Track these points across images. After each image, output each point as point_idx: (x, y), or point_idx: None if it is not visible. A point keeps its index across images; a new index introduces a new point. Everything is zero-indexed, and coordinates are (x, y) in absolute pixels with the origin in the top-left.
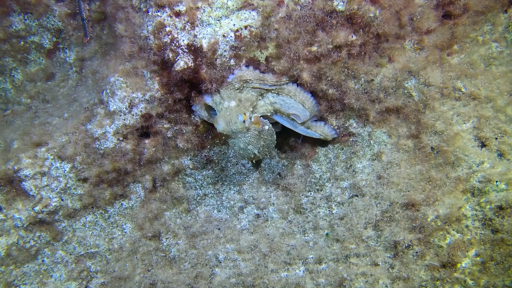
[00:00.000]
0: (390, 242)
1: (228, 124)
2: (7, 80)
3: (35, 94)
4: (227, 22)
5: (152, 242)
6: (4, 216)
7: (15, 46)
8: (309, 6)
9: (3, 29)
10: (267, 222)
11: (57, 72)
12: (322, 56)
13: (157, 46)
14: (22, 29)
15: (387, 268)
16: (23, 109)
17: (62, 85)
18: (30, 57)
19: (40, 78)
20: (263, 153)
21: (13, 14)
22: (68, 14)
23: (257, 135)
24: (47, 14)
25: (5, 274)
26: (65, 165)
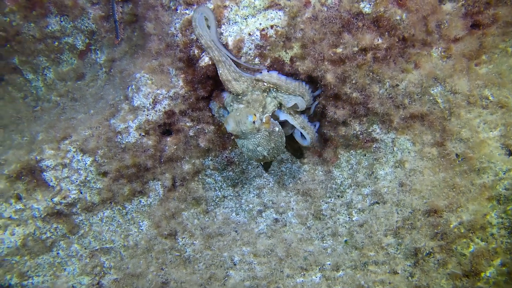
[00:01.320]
0: (411, 249)
1: (238, 125)
2: (39, 78)
3: (65, 93)
4: (254, 21)
5: (167, 241)
6: (23, 206)
7: (50, 46)
8: (335, 7)
9: (40, 30)
10: (285, 227)
11: (87, 73)
12: (347, 59)
13: (184, 43)
14: (57, 30)
15: (407, 277)
16: (51, 106)
17: (91, 85)
18: (63, 57)
19: (70, 77)
20: (272, 155)
21: (50, 16)
22: (101, 16)
23: (267, 136)
24: (82, 17)
25: (20, 264)
26: (86, 158)
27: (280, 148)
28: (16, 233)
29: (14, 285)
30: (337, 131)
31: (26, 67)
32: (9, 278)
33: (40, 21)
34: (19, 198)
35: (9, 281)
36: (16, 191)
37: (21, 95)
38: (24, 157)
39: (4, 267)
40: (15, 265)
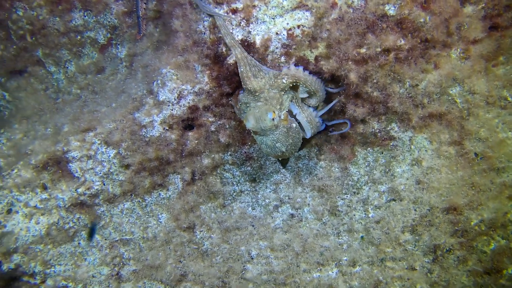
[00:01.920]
0: (430, 246)
1: (258, 121)
2: (61, 71)
3: (85, 86)
4: (281, 21)
5: (186, 234)
6: (48, 196)
7: (72, 40)
8: (361, 9)
9: (64, 24)
10: (301, 222)
11: (107, 66)
12: (369, 59)
13: (212, 41)
14: (80, 25)
15: (425, 273)
16: (72, 98)
17: (111, 78)
18: (84, 51)
19: (91, 71)
20: (290, 151)
21: (75, 10)
22: (124, 12)
23: (286, 132)
24: (105, 12)
25: (43, 252)
26: (110, 151)
27: (297, 144)
28: (40, 222)
29: (37, 272)
30: (355, 129)
31: (49, 59)
32: (33, 265)
33: (65, 15)
34: (44, 188)
35: (33, 268)
36: (42, 181)
37: (42, 87)
38: (51, 148)
39: (29, 254)
40: (39, 253)
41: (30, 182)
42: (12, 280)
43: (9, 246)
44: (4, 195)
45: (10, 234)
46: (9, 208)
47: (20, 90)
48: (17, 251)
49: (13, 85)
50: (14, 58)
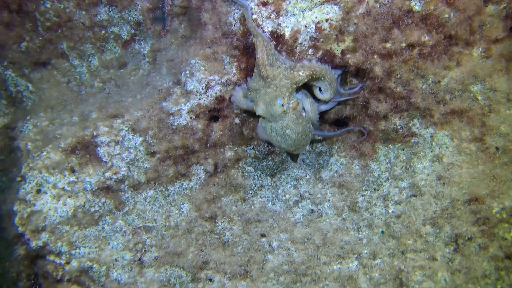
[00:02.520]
0: (451, 236)
1: (267, 106)
2: (84, 64)
3: (107, 80)
4: (310, 14)
5: (207, 224)
6: (76, 178)
7: (97, 34)
8: (388, 4)
9: (90, 18)
10: (321, 217)
11: (129, 62)
12: (394, 54)
13: (242, 32)
14: (105, 20)
15: (446, 262)
16: (96, 90)
17: (133, 74)
18: (107, 46)
19: (113, 65)
20: (300, 140)
21: (100, 5)
22: (149, 9)
23: (295, 119)
24: (130, 8)
25: (69, 234)
26: (137, 138)
27: (307, 134)
28: (67, 204)
29: (63, 252)
30: (376, 126)
31: (73, 53)
32: (60, 245)
33: (91, 9)
34: (72, 171)
35: (60, 248)
36: (70, 164)
37: (65, 79)
38: (80, 132)
39: (56, 234)
40: (65, 234)
41: (59, 164)
42: (38, 258)
43: (38, 224)
44: (34, 176)
45: (39, 213)
46: (38, 188)
47: (43, 81)
48: (45, 230)
49: (36, 77)
50: (39, 49)
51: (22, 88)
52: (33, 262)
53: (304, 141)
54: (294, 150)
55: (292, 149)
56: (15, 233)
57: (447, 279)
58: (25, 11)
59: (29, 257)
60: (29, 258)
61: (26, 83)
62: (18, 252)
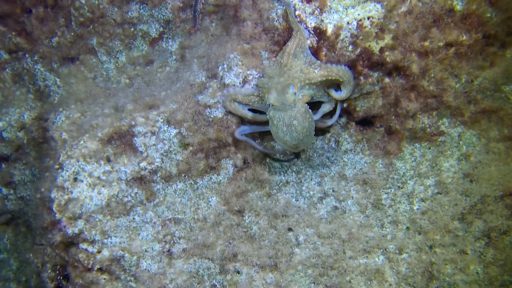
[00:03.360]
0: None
1: (279, 94)
2: (112, 61)
3: (134, 76)
4: (353, 11)
5: (235, 217)
6: (111, 168)
7: (126, 31)
8: (430, 3)
9: (121, 14)
10: (345, 214)
11: (156, 59)
12: (431, 52)
13: (283, 28)
14: (135, 17)
15: (478, 256)
16: (123, 86)
17: (159, 71)
18: (135, 43)
19: (140, 62)
20: (304, 135)
21: (132, 3)
22: (180, 7)
23: (304, 112)
24: (160, 6)
25: (102, 222)
26: (171, 130)
27: (311, 133)
28: (102, 193)
29: (97, 241)
30: (404, 125)
31: (102, 49)
32: (94, 233)
33: (123, 6)
34: (108, 160)
35: (94, 236)
36: (106, 154)
37: (92, 75)
38: (116, 122)
39: (90, 222)
40: (98, 223)
41: (95, 153)
42: (71, 246)
43: (75, 211)
44: (72, 164)
45: (76, 200)
46: (75, 176)
47: (70, 76)
48: (81, 218)
49: (64, 71)
50: (70, 45)
51: (50, 83)
52: (67, 250)
53: (307, 139)
54: (296, 145)
55: (294, 143)
56: (52, 219)
57: (480, 272)
58: (60, 6)
59: (63, 243)
60: (64, 244)
61: (54, 77)
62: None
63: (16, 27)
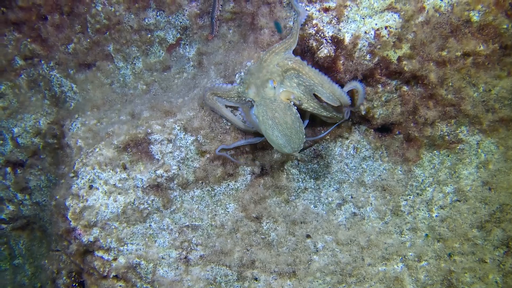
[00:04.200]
0: (502, 240)
1: (259, 88)
2: (129, 67)
3: (151, 82)
4: (370, 21)
5: (253, 224)
6: (127, 175)
7: (143, 38)
8: (447, 14)
9: (138, 21)
10: (363, 220)
11: (173, 65)
12: (449, 62)
13: (301, 36)
14: (152, 24)
15: (497, 265)
16: (140, 92)
17: (177, 77)
18: (152, 49)
19: (157, 69)
20: (290, 130)
21: (149, 10)
22: (197, 14)
23: (284, 108)
24: (177, 13)
25: (118, 230)
26: (188, 137)
27: (296, 129)
28: (118, 201)
29: (112, 248)
30: (422, 132)
31: (119, 55)
32: (109, 241)
33: (140, 13)
34: (124, 168)
35: (109, 244)
36: (122, 161)
37: (108, 81)
38: (133, 130)
39: (106, 230)
40: (114, 230)
41: (111, 161)
42: (86, 254)
43: (90, 219)
44: (87, 171)
45: (91, 208)
46: (90, 184)
47: (87, 82)
48: (97, 225)
49: (81, 78)
50: (86, 51)
51: (67, 89)
52: (82, 257)
53: (295, 136)
54: (287, 141)
55: (285, 139)
56: (67, 227)
57: (499, 281)
58: (76, 13)
59: (79, 252)
60: (79, 253)
61: (70, 83)
62: (70, 247)
63: (32, 34)
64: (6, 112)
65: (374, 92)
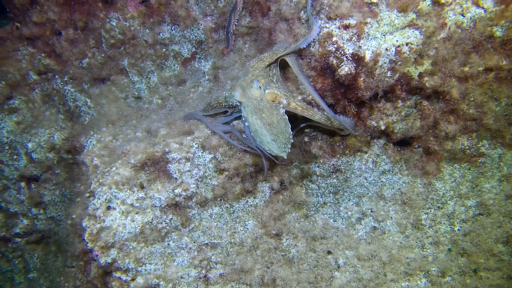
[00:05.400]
0: None
1: (244, 90)
2: (144, 81)
3: (166, 96)
4: (391, 38)
5: (273, 241)
6: (145, 194)
7: (158, 52)
8: (470, 30)
9: (153, 36)
10: (384, 234)
11: (188, 79)
12: (471, 77)
13: (320, 54)
14: (167, 38)
15: None
16: (156, 107)
17: (192, 91)
18: (167, 63)
19: (172, 82)
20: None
21: (164, 24)
22: (212, 28)
23: (270, 107)
24: (192, 27)
25: (136, 250)
26: (206, 155)
27: (281, 129)
28: (136, 220)
29: (131, 269)
30: (442, 146)
31: (133, 69)
32: (127, 262)
33: (155, 27)
34: (142, 187)
35: (127, 265)
36: (139, 180)
37: (123, 95)
38: (150, 148)
39: (124, 251)
40: (132, 250)
41: (128, 180)
42: (105, 275)
43: (108, 240)
44: (104, 191)
45: (109, 229)
46: (108, 204)
47: (101, 97)
48: (114, 246)
49: (95, 92)
50: (101, 66)
51: (81, 103)
52: (99, 279)
53: (282, 136)
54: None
55: (272, 137)
56: (84, 248)
57: None
58: (90, 28)
59: (96, 273)
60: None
61: (85, 98)
62: (88, 268)
63: (46, 49)
64: (20, 127)
65: (393, 107)
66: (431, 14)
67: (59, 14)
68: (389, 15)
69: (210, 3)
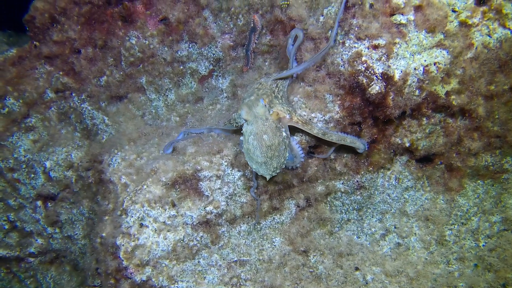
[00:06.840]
0: None
1: (250, 108)
2: (161, 99)
3: (184, 114)
4: (419, 58)
5: (300, 257)
6: (176, 212)
7: (175, 70)
8: (496, 50)
9: (172, 54)
10: (409, 250)
11: (205, 97)
12: (496, 95)
13: (349, 73)
14: (184, 56)
15: None
16: (174, 124)
17: (210, 108)
18: (184, 81)
19: (189, 100)
20: (273, 152)
21: (182, 42)
22: (230, 46)
23: (274, 128)
24: (210, 45)
25: (169, 268)
26: (235, 173)
27: (281, 153)
28: (168, 238)
29: (164, 286)
30: (465, 162)
31: (151, 87)
32: (161, 280)
33: (173, 45)
34: (173, 205)
35: (161, 282)
36: (171, 198)
37: (140, 113)
38: (180, 167)
39: (157, 268)
40: (165, 268)
41: (160, 198)
42: None
43: (143, 258)
44: (136, 209)
45: (143, 247)
46: (141, 222)
47: (119, 115)
48: (149, 264)
49: (112, 110)
50: (119, 83)
51: (98, 121)
52: None
53: (277, 158)
54: (265, 162)
55: (263, 160)
56: (118, 266)
57: None
58: (109, 47)
59: None
60: None
61: (102, 116)
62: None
63: (64, 67)
64: (37, 145)
65: (418, 124)
66: (458, 34)
67: (79, 33)
68: (418, 35)
69: (229, 21)
